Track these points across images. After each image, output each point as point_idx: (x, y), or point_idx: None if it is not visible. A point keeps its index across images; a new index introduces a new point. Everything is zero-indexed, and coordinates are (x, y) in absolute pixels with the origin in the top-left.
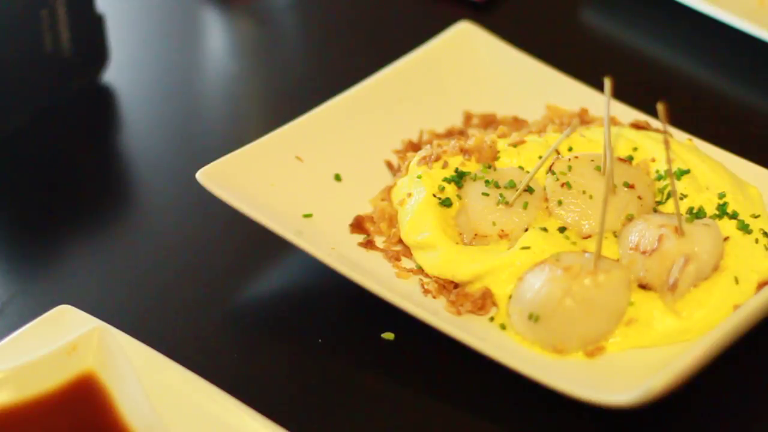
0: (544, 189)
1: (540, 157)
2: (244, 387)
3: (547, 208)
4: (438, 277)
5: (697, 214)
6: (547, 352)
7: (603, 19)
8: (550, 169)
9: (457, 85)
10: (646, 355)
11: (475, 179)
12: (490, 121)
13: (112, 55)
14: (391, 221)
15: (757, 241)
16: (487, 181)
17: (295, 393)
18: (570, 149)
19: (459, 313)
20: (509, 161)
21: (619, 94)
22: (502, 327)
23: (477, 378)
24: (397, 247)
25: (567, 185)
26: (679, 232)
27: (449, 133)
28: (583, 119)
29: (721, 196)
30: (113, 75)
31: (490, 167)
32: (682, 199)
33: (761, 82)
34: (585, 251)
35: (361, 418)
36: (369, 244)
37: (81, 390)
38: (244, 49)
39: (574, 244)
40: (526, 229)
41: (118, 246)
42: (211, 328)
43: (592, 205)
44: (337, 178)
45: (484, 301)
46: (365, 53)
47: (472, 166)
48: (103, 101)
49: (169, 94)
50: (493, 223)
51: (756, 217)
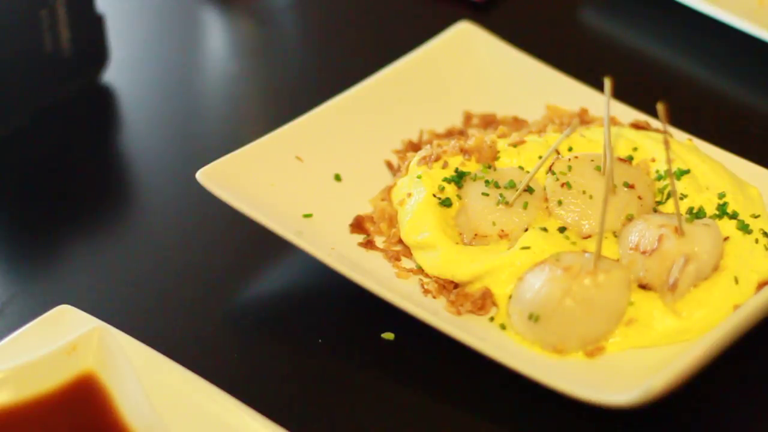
0: (544, 189)
1: (540, 157)
2: (244, 387)
3: (547, 208)
4: (438, 277)
5: (697, 214)
6: (547, 352)
7: (603, 19)
8: (550, 169)
9: (457, 85)
10: (646, 355)
11: (475, 179)
12: (490, 121)
13: (112, 55)
14: (391, 221)
15: (757, 241)
16: (487, 181)
17: (295, 393)
18: (570, 149)
19: (459, 313)
20: (509, 161)
21: (619, 94)
22: (502, 327)
23: (477, 378)
24: (397, 247)
25: (567, 185)
26: (679, 232)
27: (449, 133)
28: (583, 119)
29: (721, 196)
30: (113, 75)
31: (490, 167)
32: (682, 199)
33: (761, 82)
34: (585, 251)
35: (361, 418)
36: (369, 244)
37: (81, 390)
38: (244, 49)
39: (574, 244)
40: (526, 229)
41: (118, 246)
42: (211, 328)
43: (592, 205)
44: (337, 178)
45: (484, 301)
46: (365, 53)
47: (472, 166)
48: (103, 101)
49: (169, 94)
50: (493, 223)
51: (756, 217)
